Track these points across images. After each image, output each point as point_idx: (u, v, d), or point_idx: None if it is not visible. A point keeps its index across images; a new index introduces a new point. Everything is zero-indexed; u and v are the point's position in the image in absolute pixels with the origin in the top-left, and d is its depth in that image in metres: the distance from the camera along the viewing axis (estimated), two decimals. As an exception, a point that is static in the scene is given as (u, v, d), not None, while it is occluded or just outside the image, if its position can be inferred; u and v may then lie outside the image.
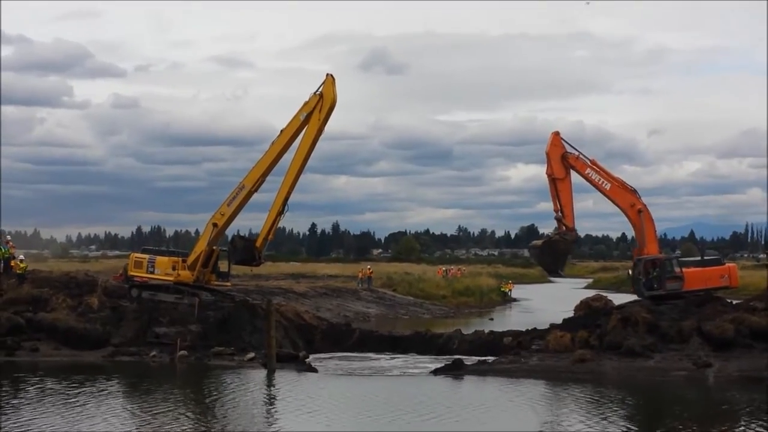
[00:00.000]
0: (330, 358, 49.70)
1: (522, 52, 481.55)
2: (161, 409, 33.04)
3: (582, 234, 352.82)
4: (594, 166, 51.75)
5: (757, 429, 30.15)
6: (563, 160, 51.75)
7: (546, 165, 52.28)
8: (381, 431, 29.94)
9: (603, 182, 51.48)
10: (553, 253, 53.56)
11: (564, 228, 52.10)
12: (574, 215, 52.42)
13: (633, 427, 30.71)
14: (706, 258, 55.23)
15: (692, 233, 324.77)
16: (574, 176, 51.90)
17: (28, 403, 33.70)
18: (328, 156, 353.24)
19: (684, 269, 49.75)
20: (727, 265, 50.08)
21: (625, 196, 51.42)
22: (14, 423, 29.61)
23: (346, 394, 37.78)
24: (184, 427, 29.89)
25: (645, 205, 51.16)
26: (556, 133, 52.54)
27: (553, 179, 52.06)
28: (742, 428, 30.45)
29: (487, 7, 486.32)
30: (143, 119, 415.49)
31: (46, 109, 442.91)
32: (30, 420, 30.18)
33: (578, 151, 52.28)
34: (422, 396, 36.83)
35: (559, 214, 52.10)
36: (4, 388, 37.47)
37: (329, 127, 50.25)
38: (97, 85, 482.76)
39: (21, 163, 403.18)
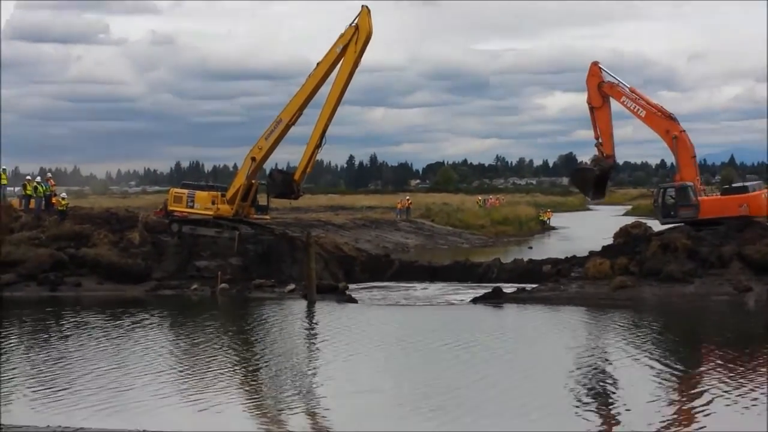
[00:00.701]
0: (370, 288, 49.97)
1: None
2: (203, 341, 33.38)
3: (621, 161, 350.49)
4: (632, 94, 51.46)
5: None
6: (600, 89, 51.74)
7: (586, 93, 52.37)
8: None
9: (638, 109, 51.25)
10: (585, 179, 53.89)
11: (602, 155, 52.08)
12: (614, 142, 52.34)
13: (671, 350, 30.71)
14: (732, 186, 54.55)
15: (732, 158, 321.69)
16: (615, 104, 51.82)
17: (72, 335, 34.17)
18: (365, 88, 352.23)
19: (700, 197, 49.46)
20: (751, 193, 49.36)
21: (660, 123, 51.12)
22: (61, 358, 29.99)
23: (386, 324, 37.98)
24: (226, 359, 30.19)
25: (683, 131, 50.69)
26: (595, 63, 52.67)
27: (591, 107, 52.25)
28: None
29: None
30: (180, 55, 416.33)
31: (83, 46, 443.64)
32: (76, 354, 30.56)
33: (617, 79, 52.03)
34: (462, 324, 36.99)
35: (599, 141, 52.10)
36: (48, 322, 38.00)
37: (365, 59, 50.07)
38: (134, 22, 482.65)
39: (59, 101, 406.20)
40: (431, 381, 26.29)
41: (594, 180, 52.84)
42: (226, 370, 28.34)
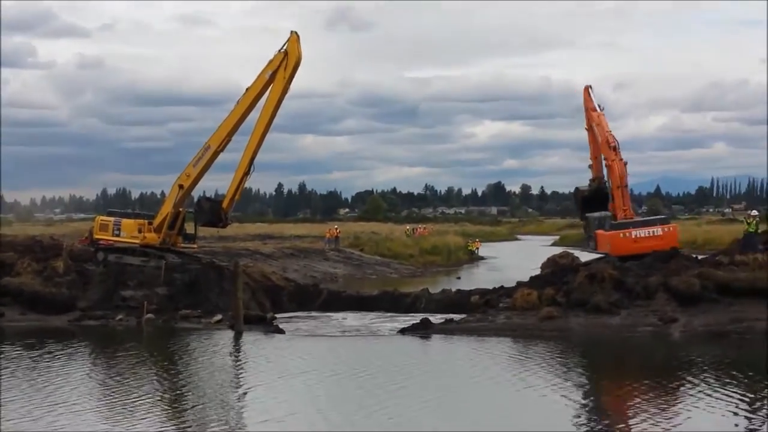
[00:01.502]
0: (298, 318, 49.72)
1: (489, 8, 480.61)
2: (129, 373, 32.94)
3: (549, 190, 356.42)
4: (597, 121, 53.57)
5: (716, 380, 30.43)
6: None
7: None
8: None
9: (597, 136, 53.17)
10: (576, 200, 57.98)
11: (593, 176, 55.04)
12: (599, 166, 54.73)
13: (593, 380, 30.90)
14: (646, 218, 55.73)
15: (658, 188, 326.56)
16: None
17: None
18: (294, 114, 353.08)
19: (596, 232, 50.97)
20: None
21: (599, 150, 53.17)
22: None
23: (313, 355, 37.74)
24: (150, 390, 29.79)
25: (614, 161, 51.47)
26: (587, 88, 55.38)
27: (586, 130, 55.36)
28: (703, 379, 30.67)
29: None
30: (108, 79, 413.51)
31: (11, 69, 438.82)
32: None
33: (599, 106, 54.44)
34: (389, 356, 36.92)
35: (590, 163, 55.28)
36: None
37: (295, 85, 50.01)
38: (62, 45, 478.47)
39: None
40: (351, 410, 26.40)
41: (581, 201, 55.03)
42: (149, 401, 27.95)
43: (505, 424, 25.28)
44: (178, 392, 30.15)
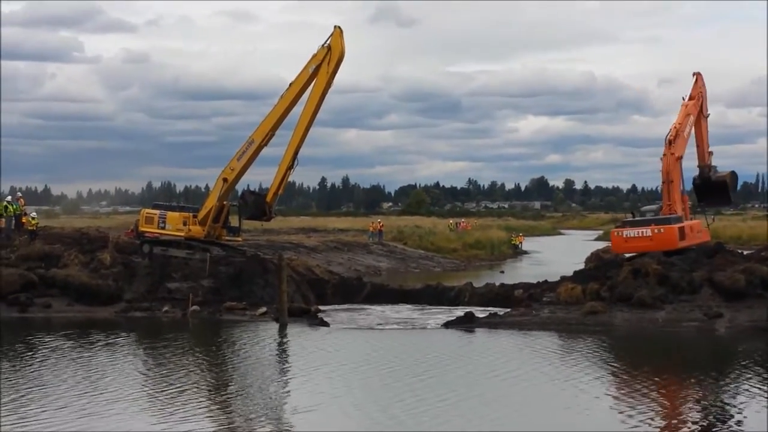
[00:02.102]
0: (342, 310, 49.88)
1: (532, 3, 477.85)
2: (173, 364, 33.24)
3: (592, 185, 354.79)
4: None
5: (763, 375, 30.24)
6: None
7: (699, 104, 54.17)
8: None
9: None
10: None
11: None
12: (703, 151, 54.95)
13: (639, 376, 30.78)
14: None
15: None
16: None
17: (41, 359, 33.88)
18: (338, 109, 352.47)
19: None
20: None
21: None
22: (27, 378, 29.81)
23: (357, 347, 37.91)
24: (196, 381, 30.06)
25: (666, 156, 51.23)
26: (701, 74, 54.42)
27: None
28: (750, 375, 30.49)
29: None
30: (153, 74, 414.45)
31: (57, 64, 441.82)
32: (44, 376, 30.36)
33: (683, 97, 53.63)
34: (432, 349, 36.93)
35: None
36: (17, 345, 37.65)
37: (339, 80, 50.10)
38: (108, 40, 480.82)
39: (31, 119, 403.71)
40: (394, 402, 26.53)
41: (698, 188, 55.07)
42: (195, 393, 28.19)
43: (545, 420, 25.29)
44: (221, 383, 30.40)
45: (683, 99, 52.92)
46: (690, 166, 54.33)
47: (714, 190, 55.23)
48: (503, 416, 25.40)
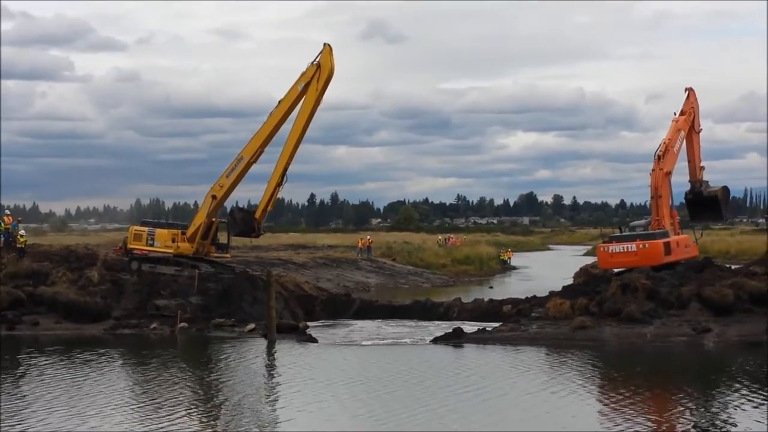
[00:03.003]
0: (331, 326, 49.86)
1: (523, 19, 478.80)
2: (162, 381, 33.17)
3: (581, 201, 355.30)
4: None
5: (751, 389, 30.30)
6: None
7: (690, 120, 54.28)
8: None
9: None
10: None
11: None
12: (694, 167, 55.37)
13: (629, 390, 30.80)
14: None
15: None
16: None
17: (30, 377, 33.80)
18: (328, 126, 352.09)
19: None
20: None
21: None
22: (16, 396, 29.73)
23: (345, 364, 37.88)
24: (184, 398, 30.00)
25: (655, 171, 51.41)
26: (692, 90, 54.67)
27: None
28: (738, 389, 30.55)
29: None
30: (144, 92, 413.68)
31: (48, 83, 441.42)
32: (31, 394, 30.27)
33: (674, 112, 54.13)
34: (420, 364, 36.92)
35: None
36: (5, 362, 37.52)
37: (329, 97, 50.29)
38: (99, 59, 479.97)
39: (21, 137, 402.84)
40: (381, 417, 26.63)
41: (690, 204, 55.47)
42: (184, 408, 28.16)
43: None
44: (210, 400, 30.37)
45: (674, 114, 53.14)
46: (681, 181, 54.54)
47: (706, 206, 55.31)
48: (489, 425, 25.43)
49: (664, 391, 32.00)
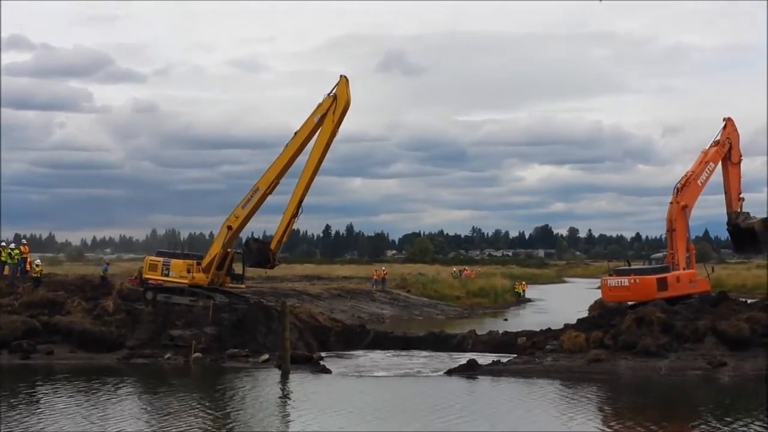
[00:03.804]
0: (345, 357, 49.78)
1: (542, 52, 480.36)
2: (176, 411, 33.15)
3: (596, 234, 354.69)
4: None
5: (766, 425, 30.21)
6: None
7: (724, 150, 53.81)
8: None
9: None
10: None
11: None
12: (731, 198, 54.55)
13: (643, 426, 30.68)
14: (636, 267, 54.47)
15: (706, 232, 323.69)
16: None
17: (44, 406, 33.84)
18: (345, 158, 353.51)
19: None
20: None
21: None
22: (30, 426, 29.75)
23: (359, 395, 37.83)
24: (198, 428, 29.99)
25: (672, 203, 51.31)
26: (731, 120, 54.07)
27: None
28: (754, 424, 30.39)
29: (506, 7, 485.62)
30: (162, 123, 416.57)
31: (66, 113, 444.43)
32: (45, 423, 30.31)
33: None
34: (434, 396, 36.83)
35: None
36: (19, 391, 37.60)
37: (345, 129, 50.30)
38: (118, 90, 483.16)
39: (39, 168, 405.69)
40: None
41: (732, 236, 55.00)
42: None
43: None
44: (224, 430, 30.32)
45: (711, 146, 52.79)
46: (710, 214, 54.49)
47: (745, 238, 54.89)
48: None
49: (679, 424, 31.85)
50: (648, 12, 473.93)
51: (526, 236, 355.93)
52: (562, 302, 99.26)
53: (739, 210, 54.61)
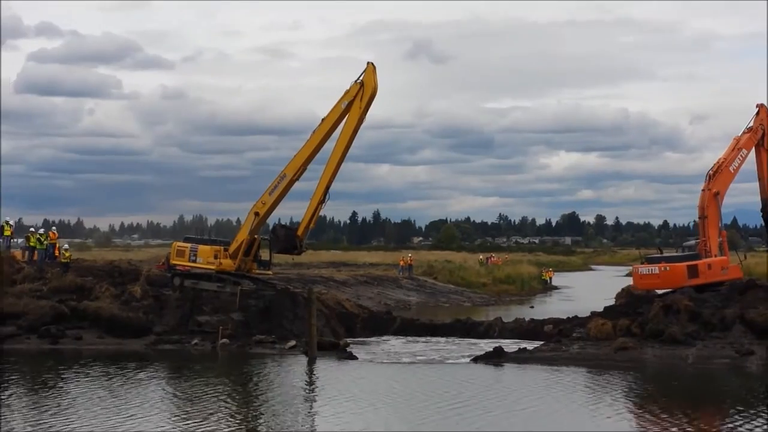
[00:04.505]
0: (371, 343, 49.84)
1: (568, 39, 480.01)
2: (203, 397, 33.25)
3: (623, 221, 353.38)
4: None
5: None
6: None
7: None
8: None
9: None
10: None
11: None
12: (765, 184, 53.29)
13: (670, 414, 30.59)
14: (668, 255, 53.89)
15: (735, 220, 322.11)
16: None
17: (72, 391, 34.05)
18: (372, 144, 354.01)
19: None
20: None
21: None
22: (58, 410, 29.96)
23: (385, 382, 37.88)
24: (225, 415, 30.11)
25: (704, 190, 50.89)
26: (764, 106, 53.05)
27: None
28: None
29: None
30: (189, 109, 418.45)
31: (95, 100, 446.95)
32: (75, 408, 30.50)
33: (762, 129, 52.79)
34: (460, 384, 36.82)
35: None
36: (48, 376, 37.87)
37: (372, 115, 50.39)
38: (146, 76, 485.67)
39: (68, 153, 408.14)
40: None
41: (765, 221, 53.75)
42: (225, 426, 28.23)
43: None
44: (249, 414, 30.51)
45: (744, 132, 52.20)
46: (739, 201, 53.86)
47: None
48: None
49: (705, 413, 31.73)
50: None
51: (553, 224, 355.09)
52: (589, 290, 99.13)
53: None
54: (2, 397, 32.16)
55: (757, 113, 52.62)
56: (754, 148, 52.61)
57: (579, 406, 31.96)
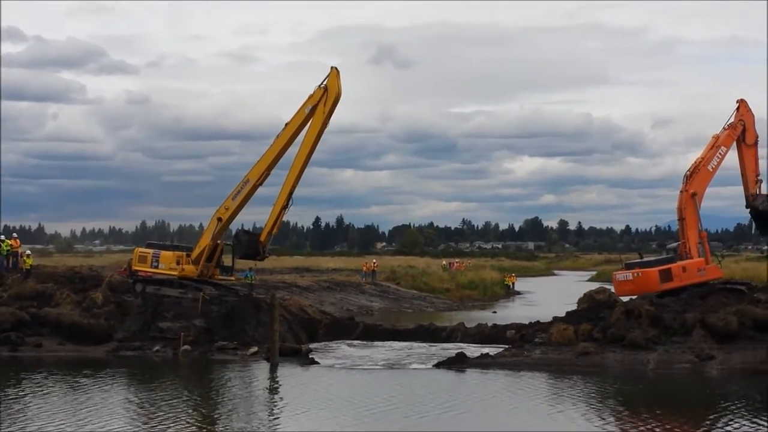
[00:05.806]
0: (334, 349, 49.74)
1: (533, 45, 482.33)
2: (163, 404, 33.14)
3: (586, 226, 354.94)
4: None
5: (752, 418, 30.27)
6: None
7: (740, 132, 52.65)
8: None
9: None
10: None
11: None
12: (747, 180, 53.09)
13: (632, 417, 30.76)
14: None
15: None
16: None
17: (32, 399, 33.78)
18: (336, 149, 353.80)
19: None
20: None
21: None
22: (18, 419, 29.72)
23: (346, 387, 37.84)
24: (184, 422, 29.99)
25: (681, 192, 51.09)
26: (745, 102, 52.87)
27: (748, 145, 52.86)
28: (740, 417, 30.50)
29: (496, 0, 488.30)
30: (153, 114, 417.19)
31: (59, 105, 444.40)
32: (33, 416, 30.29)
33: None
34: (422, 389, 36.89)
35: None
36: (7, 384, 37.53)
37: (337, 120, 50.19)
38: (110, 81, 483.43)
39: (30, 159, 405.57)
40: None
41: (755, 218, 53.97)
42: (184, 430, 28.16)
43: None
44: (210, 421, 30.38)
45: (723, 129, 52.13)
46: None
47: (766, 220, 54.19)
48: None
49: (665, 417, 31.91)
50: (639, 4, 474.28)
51: (516, 228, 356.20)
52: (551, 295, 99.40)
53: (757, 192, 53.41)
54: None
55: (738, 108, 52.50)
56: (735, 145, 52.48)
57: (541, 409, 32.07)
